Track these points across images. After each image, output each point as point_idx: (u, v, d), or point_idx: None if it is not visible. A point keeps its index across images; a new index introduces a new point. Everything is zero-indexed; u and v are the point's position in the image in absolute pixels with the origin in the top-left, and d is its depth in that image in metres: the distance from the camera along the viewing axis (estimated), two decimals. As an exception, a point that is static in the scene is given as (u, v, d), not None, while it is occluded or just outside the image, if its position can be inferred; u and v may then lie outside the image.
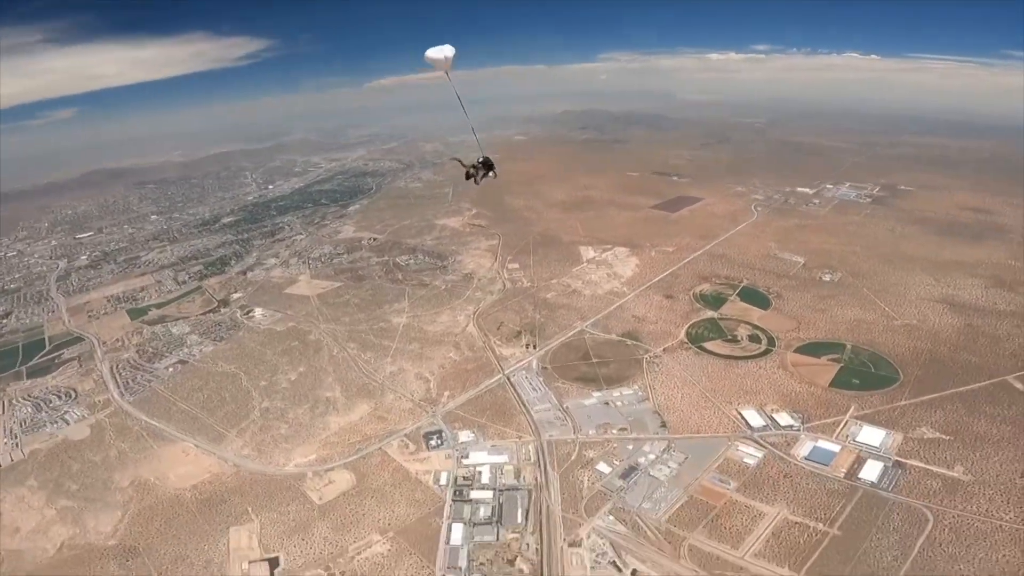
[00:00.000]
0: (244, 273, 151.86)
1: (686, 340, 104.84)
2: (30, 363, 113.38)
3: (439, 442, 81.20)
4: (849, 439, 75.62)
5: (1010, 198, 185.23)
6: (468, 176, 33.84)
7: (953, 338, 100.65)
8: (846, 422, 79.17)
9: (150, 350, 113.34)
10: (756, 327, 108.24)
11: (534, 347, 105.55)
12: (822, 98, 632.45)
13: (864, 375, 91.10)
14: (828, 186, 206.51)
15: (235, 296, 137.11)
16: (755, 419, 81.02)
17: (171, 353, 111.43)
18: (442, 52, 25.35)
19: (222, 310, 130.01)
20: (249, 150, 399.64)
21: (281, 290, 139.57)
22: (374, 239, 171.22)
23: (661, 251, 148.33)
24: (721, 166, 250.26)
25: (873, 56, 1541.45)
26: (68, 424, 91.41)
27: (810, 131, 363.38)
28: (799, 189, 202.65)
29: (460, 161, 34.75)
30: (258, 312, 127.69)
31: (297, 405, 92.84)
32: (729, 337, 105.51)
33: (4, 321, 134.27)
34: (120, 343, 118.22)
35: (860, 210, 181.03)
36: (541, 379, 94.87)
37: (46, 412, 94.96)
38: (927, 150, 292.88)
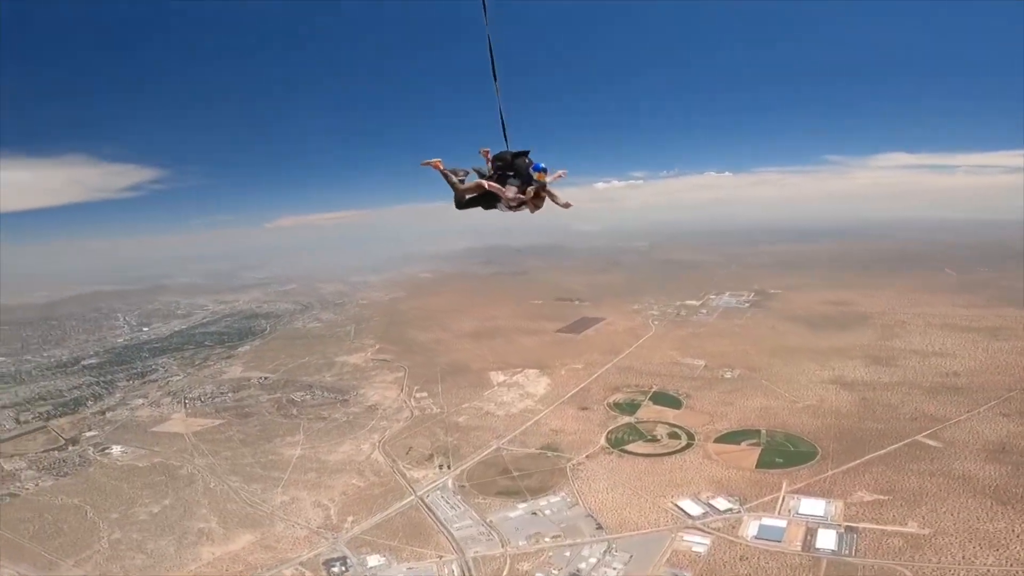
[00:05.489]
0: (103, 413, 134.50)
1: (607, 445, 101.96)
2: None
3: (343, 568, 68.93)
4: (792, 513, 73.46)
5: (862, 290, 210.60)
6: (482, 203, 17.99)
7: (854, 411, 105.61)
8: (783, 498, 77.11)
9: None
10: (673, 425, 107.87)
11: (448, 467, 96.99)
12: (691, 217, 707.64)
13: (785, 454, 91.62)
14: (711, 296, 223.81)
15: (88, 434, 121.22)
16: (692, 508, 76.80)
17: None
18: None
19: (70, 448, 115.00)
20: (124, 291, 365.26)
21: (147, 428, 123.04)
22: (265, 378, 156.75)
23: (571, 369, 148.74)
24: (616, 288, 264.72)
25: (727, 173, 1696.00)
26: None
27: (686, 249, 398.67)
28: (687, 302, 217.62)
29: (479, 174, 18.75)
30: (116, 449, 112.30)
31: (159, 536, 79.14)
32: (649, 438, 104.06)
33: None
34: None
35: (742, 314, 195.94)
36: (459, 497, 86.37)
37: None
38: (782, 256, 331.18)
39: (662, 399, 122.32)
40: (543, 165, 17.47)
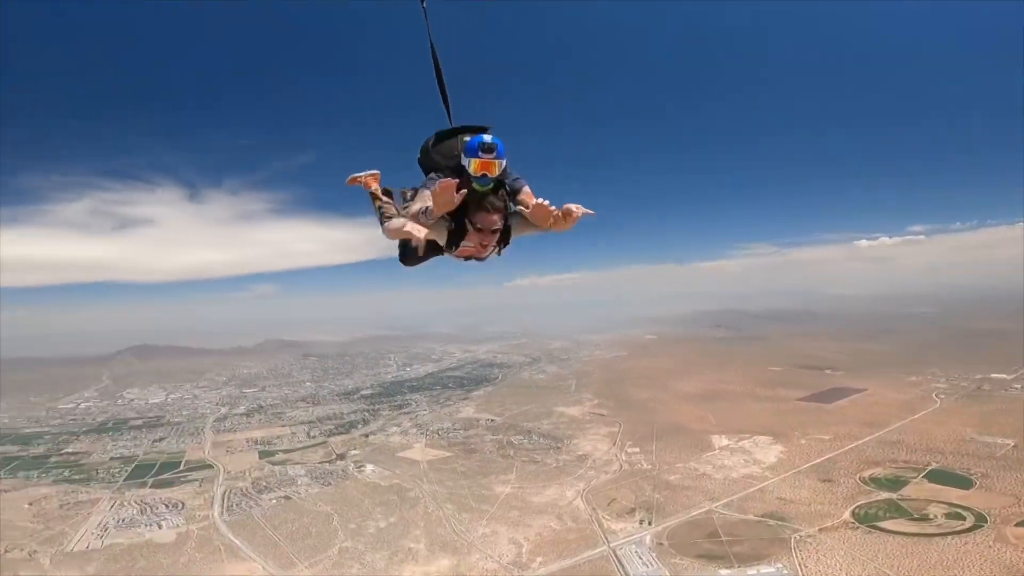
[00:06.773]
0: (367, 436, 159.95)
1: (852, 520, 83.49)
2: (160, 477, 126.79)
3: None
4: None
5: None
6: (414, 253, 11.49)
7: None
8: None
9: (264, 484, 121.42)
10: (955, 505, 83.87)
11: (649, 523, 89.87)
12: (1001, 279, 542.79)
13: None
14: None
15: (352, 452, 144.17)
16: (965, 601, 56.25)
17: (280, 488, 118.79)
18: None
19: (337, 462, 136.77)
20: (397, 336, 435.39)
21: (395, 453, 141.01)
22: (491, 420, 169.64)
23: (813, 439, 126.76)
24: (885, 358, 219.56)
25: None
26: (160, 529, 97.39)
27: (995, 316, 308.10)
28: (993, 375, 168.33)
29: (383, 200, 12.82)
30: (369, 467, 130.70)
31: (376, 550, 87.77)
32: (916, 516, 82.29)
33: (158, 443, 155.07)
34: (242, 474, 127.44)
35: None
36: (654, 555, 79.10)
37: (146, 515, 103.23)
38: None
39: (943, 477, 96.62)
40: (486, 138, 9.33)
